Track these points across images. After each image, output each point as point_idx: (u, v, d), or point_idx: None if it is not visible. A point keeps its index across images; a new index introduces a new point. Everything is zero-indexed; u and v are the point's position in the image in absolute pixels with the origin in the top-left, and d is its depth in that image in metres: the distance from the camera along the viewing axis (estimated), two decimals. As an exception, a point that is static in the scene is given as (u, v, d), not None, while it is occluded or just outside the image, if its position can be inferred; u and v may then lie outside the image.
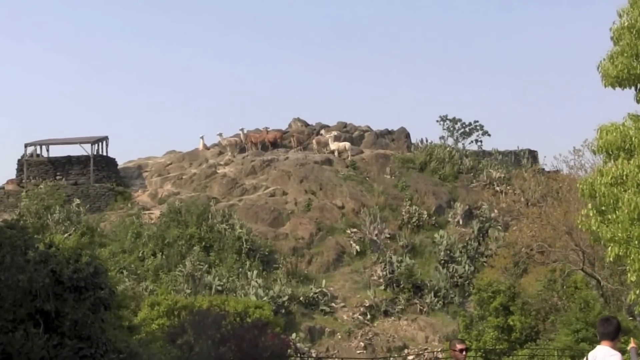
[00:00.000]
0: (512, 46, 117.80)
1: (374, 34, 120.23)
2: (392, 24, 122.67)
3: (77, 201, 40.36)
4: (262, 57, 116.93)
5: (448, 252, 37.48)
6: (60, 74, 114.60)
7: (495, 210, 40.74)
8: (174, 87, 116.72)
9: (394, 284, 35.26)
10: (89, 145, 44.66)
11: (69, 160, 44.77)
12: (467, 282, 35.49)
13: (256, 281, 32.79)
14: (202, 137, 50.02)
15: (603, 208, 14.02)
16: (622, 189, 13.68)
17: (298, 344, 28.56)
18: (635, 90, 14.59)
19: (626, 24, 14.26)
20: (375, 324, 33.62)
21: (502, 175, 45.50)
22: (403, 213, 40.36)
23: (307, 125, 53.38)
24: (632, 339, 10.18)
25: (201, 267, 33.39)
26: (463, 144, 52.55)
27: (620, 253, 13.76)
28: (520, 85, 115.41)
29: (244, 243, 35.27)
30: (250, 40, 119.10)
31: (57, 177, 44.05)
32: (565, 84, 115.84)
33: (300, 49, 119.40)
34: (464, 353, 9.48)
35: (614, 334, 7.93)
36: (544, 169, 44.82)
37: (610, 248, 13.98)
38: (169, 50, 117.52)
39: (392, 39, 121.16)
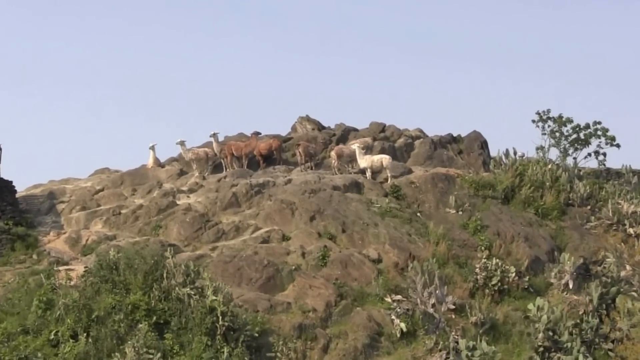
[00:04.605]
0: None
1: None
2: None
3: (-49, 249, 40.26)
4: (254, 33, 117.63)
5: (550, 333, 36.97)
6: None
7: (628, 267, 40.65)
8: (108, 74, 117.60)
9: (463, 386, 34.91)
10: (-30, 160, 44.81)
11: (-63, 184, 44.75)
12: (583, 382, 35.21)
13: (239, 380, 32.44)
14: (152, 147, 50.29)
15: None
16: None
17: None
18: None
19: None
20: None
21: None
22: (477, 270, 40.08)
23: (321, 127, 53.48)
24: None
25: (151, 356, 33.02)
26: (575, 158, 53.04)
27: None
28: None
29: (220, 318, 34.81)
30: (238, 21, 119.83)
31: None
32: None
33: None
34: None
35: None
36: None
37: None
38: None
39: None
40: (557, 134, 52.57)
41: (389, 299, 38.28)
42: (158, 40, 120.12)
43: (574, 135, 52.55)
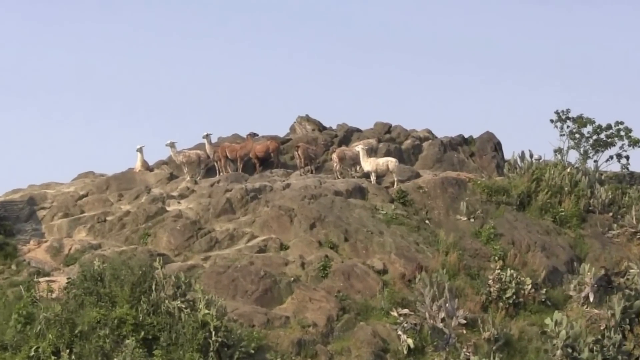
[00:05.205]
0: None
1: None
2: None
3: None
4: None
5: (569, 350, 36.91)
6: None
7: (653, 278, 40.49)
8: (93, 72, 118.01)
9: (475, 406, 35.11)
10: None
11: None
12: (605, 404, 35.37)
13: (234, 400, 32.47)
14: (140, 150, 50.16)
15: None
16: None
17: None
18: None
19: None
20: None
21: (666, 216, 45.54)
22: (490, 282, 39.99)
23: (322, 128, 53.40)
24: None
25: (138, 375, 32.98)
26: (596, 161, 52.83)
27: None
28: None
29: (213, 333, 34.63)
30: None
31: None
32: None
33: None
34: None
35: None
36: None
37: None
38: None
39: None
40: (577, 135, 52.36)
41: (395, 313, 38.07)
42: (149, 37, 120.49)
43: (595, 137, 52.40)
